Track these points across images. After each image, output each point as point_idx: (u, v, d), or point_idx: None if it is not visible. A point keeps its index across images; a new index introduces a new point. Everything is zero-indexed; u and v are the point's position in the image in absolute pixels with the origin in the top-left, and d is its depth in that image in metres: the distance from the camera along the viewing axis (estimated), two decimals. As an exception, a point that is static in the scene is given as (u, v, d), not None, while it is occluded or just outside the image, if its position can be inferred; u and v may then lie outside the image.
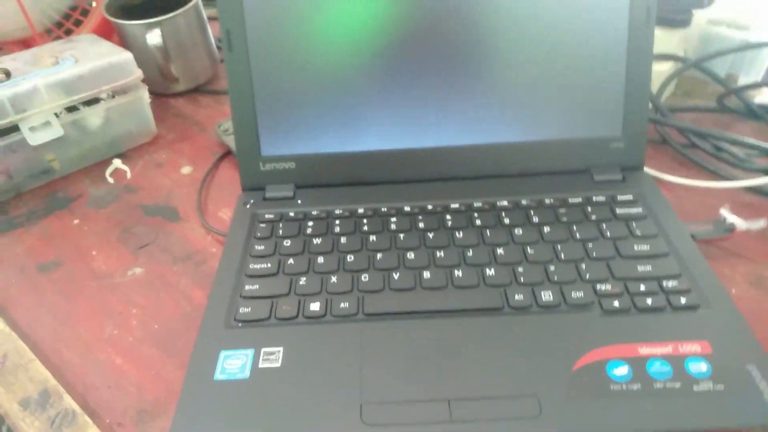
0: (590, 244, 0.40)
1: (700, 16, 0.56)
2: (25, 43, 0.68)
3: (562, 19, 0.42)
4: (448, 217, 0.43)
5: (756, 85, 0.52)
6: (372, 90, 0.44)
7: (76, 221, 0.49)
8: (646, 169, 0.46)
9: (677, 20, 0.53)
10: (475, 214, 0.43)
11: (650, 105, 0.53)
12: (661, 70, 0.56)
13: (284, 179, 0.46)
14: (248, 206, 0.45)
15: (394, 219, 0.43)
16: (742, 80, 0.57)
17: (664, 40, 0.55)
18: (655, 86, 0.55)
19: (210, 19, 0.67)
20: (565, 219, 0.42)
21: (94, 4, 0.68)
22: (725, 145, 0.48)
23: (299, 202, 0.45)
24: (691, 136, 0.50)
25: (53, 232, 0.48)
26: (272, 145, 0.45)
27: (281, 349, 0.34)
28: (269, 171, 0.46)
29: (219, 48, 0.69)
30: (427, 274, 0.38)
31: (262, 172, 0.46)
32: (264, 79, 0.44)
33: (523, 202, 0.43)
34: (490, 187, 0.45)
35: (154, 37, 0.58)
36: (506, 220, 0.42)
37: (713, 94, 0.58)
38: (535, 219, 0.42)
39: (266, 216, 0.44)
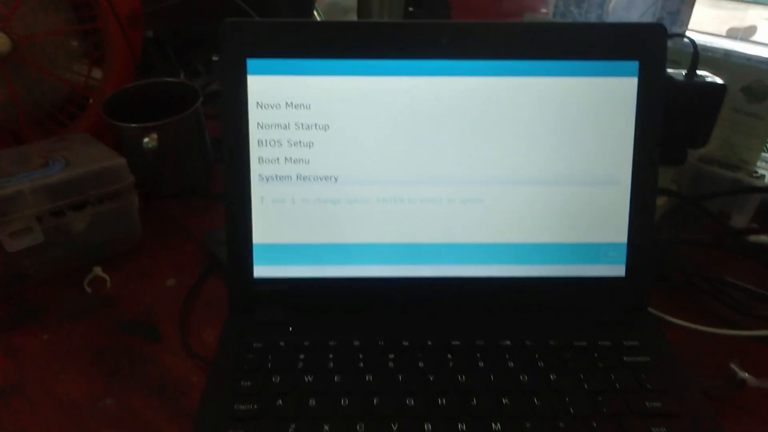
0: (600, 397, 0.37)
1: (691, 154, 0.58)
2: (13, 133, 0.67)
3: (564, 158, 0.43)
4: (450, 356, 0.40)
5: (755, 231, 0.53)
6: (373, 215, 0.43)
7: (45, 336, 0.45)
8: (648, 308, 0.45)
9: (672, 158, 0.54)
10: (478, 354, 0.40)
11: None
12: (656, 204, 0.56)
13: (276, 302, 0.44)
14: (235, 332, 0.42)
15: (392, 356, 0.40)
16: (735, 217, 0.58)
17: (659, 175, 0.55)
18: (651, 220, 0.55)
19: (207, 117, 0.66)
20: (571, 365, 0.40)
21: (90, 100, 0.67)
22: (729, 290, 0.48)
23: (291, 329, 0.43)
24: (692, 277, 0.50)
25: (18, 349, 0.44)
26: (266, 266, 0.43)
27: None
28: (260, 293, 0.44)
29: (214, 146, 0.67)
30: (429, 427, 0.35)
31: (253, 294, 0.43)
32: (262, 200, 0.43)
33: (527, 342, 0.41)
34: (490, 322, 0.43)
35: (150, 141, 0.57)
36: (510, 363, 0.40)
37: (706, 226, 0.59)
38: (541, 363, 0.40)
39: (255, 345, 0.41)
